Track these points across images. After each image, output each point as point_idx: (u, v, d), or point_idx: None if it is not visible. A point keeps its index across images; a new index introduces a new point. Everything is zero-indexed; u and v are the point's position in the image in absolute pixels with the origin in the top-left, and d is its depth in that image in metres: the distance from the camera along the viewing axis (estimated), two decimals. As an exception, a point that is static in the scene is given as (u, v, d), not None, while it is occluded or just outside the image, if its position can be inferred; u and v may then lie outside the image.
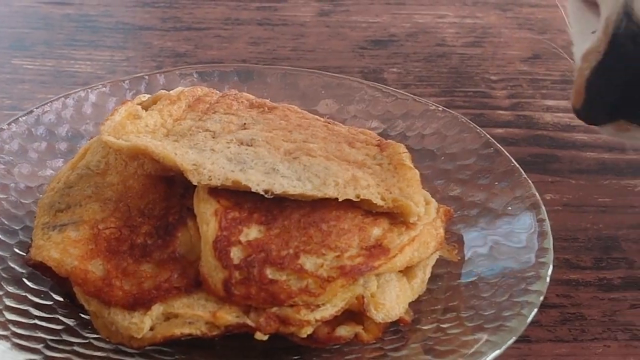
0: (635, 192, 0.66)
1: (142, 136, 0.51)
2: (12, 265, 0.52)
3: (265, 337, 0.46)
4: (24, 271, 0.52)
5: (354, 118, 0.66)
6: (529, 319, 0.47)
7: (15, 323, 0.48)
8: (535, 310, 0.48)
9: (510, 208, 0.56)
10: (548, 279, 0.50)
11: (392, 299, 0.49)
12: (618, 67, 0.54)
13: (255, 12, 0.91)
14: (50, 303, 0.51)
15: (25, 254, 0.52)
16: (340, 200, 0.49)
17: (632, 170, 0.66)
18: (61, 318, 0.50)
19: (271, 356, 0.49)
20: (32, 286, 0.51)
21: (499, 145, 0.60)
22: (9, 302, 0.50)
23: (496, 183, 0.58)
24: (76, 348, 0.47)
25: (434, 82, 0.80)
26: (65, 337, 0.48)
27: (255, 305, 0.46)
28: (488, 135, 0.61)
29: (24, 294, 0.51)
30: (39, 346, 0.47)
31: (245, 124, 0.55)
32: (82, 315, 0.50)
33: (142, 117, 0.53)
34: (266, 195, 0.48)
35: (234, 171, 0.49)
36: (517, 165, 0.58)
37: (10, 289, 0.51)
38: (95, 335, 0.48)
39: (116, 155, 0.54)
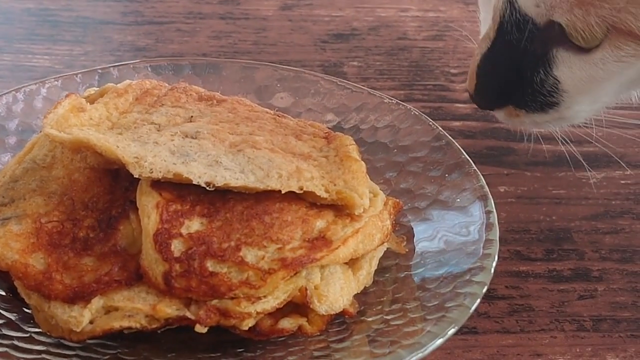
0: (589, 184, 0.67)
1: (86, 129, 0.51)
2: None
3: (205, 330, 0.46)
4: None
5: (308, 111, 0.65)
6: (472, 310, 0.47)
7: (-44, 318, 0.48)
8: (478, 301, 0.48)
9: (459, 200, 0.56)
10: (492, 270, 0.50)
11: (335, 291, 0.49)
12: (505, 54, 0.55)
13: (217, 6, 0.90)
14: (-8, 297, 0.51)
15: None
16: (283, 192, 0.49)
17: (587, 162, 0.66)
18: (3, 312, 0.49)
19: (217, 349, 0.49)
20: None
21: (450, 137, 0.60)
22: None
23: (447, 175, 0.58)
24: (16, 342, 0.47)
25: (394, 75, 0.80)
26: (5, 332, 0.48)
27: (196, 298, 0.46)
28: (440, 128, 0.61)
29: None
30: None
31: (192, 116, 0.54)
32: (25, 310, 0.50)
33: (86, 110, 0.53)
34: (208, 188, 0.48)
35: (176, 164, 0.48)
36: (468, 157, 0.58)
37: (-48, 283, 0.50)
38: (36, 330, 0.48)
39: (62, 149, 0.53)
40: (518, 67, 0.55)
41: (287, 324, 0.48)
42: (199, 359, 0.48)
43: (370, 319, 0.50)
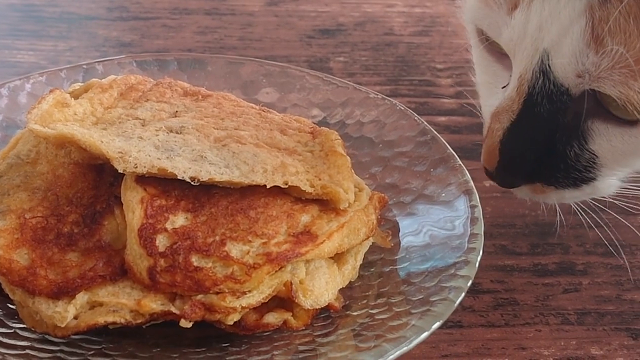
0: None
1: (70, 124, 0.51)
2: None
3: (190, 325, 0.46)
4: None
5: (294, 106, 0.65)
6: (456, 304, 0.47)
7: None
8: (463, 294, 0.48)
9: (444, 195, 0.56)
10: (477, 265, 0.50)
11: (321, 286, 0.49)
12: (533, 128, 0.50)
13: (203, 1, 0.90)
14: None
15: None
16: (268, 187, 0.49)
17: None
18: (-13, 308, 0.49)
19: (202, 344, 0.49)
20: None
21: (435, 132, 0.60)
22: None
23: (432, 170, 0.58)
24: (0, 338, 0.47)
25: (379, 70, 0.80)
26: (-11, 327, 0.48)
27: (181, 292, 0.46)
28: (425, 123, 0.61)
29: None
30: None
31: (177, 111, 0.54)
32: (9, 306, 0.49)
33: (70, 105, 0.52)
34: (193, 183, 0.48)
35: (161, 159, 0.48)
36: (453, 152, 0.58)
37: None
38: (20, 325, 0.48)
39: (47, 145, 0.53)
40: (548, 142, 0.50)
41: (272, 318, 0.48)
42: (184, 354, 0.48)
43: (355, 313, 0.50)
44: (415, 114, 0.62)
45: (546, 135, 0.50)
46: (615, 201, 0.55)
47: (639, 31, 0.46)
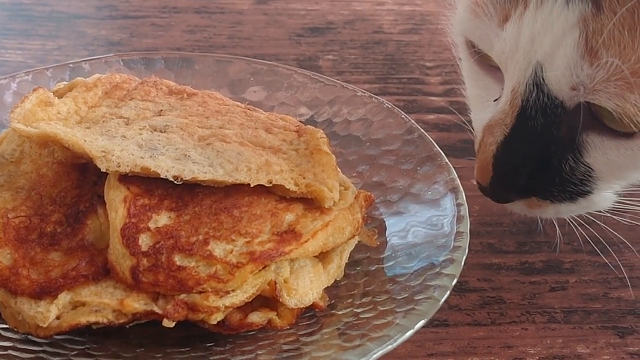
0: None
1: (53, 123, 0.51)
2: None
3: (172, 324, 0.45)
4: None
5: (281, 105, 0.65)
6: (441, 302, 0.47)
7: None
8: (448, 293, 0.48)
9: (430, 193, 0.56)
10: (463, 263, 0.50)
11: (305, 285, 0.48)
12: (527, 142, 0.49)
13: (192, 0, 0.90)
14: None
15: None
16: (252, 185, 0.48)
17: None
18: (-31, 309, 0.49)
19: (186, 344, 0.49)
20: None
21: (422, 130, 0.60)
22: None
23: (418, 168, 0.58)
24: (-19, 339, 0.47)
25: (369, 69, 0.80)
26: (-28, 328, 0.48)
27: (164, 292, 0.46)
28: (412, 121, 0.61)
29: None
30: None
31: (161, 110, 0.54)
32: (-8, 306, 0.49)
33: (54, 104, 0.52)
34: (176, 182, 0.48)
35: (144, 158, 0.48)
36: (439, 150, 0.58)
37: None
38: (3, 325, 0.48)
39: (31, 144, 0.53)
40: (543, 155, 0.50)
41: (257, 318, 0.48)
42: (168, 354, 0.48)
43: (340, 312, 0.50)
44: (403, 112, 0.62)
45: (541, 149, 0.50)
46: (614, 217, 0.54)
47: (634, 43, 0.45)
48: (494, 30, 0.50)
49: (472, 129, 0.56)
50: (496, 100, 0.53)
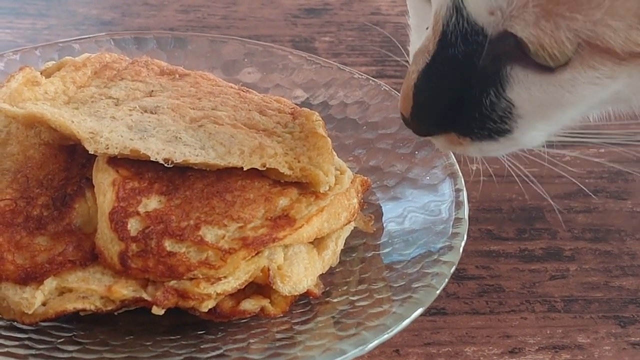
0: (563, 161, 0.65)
1: (40, 103, 0.49)
2: None
3: (162, 312, 0.44)
4: None
5: (276, 87, 0.64)
6: (439, 291, 0.46)
7: None
8: (446, 281, 0.47)
9: (428, 178, 0.55)
10: (461, 250, 0.49)
11: (299, 272, 0.47)
12: (447, 71, 0.46)
13: (186, -21, 0.88)
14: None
15: None
16: (245, 169, 0.47)
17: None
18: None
19: (177, 331, 0.47)
20: None
21: (420, 113, 0.58)
22: None
23: (416, 152, 0.57)
24: (-35, 325, 0.45)
25: (365, 51, 0.78)
26: (-46, 315, 0.46)
27: (153, 278, 0.44)
28: (410, 104, 0.59)
29: None
30: None
31: (152, 91, 0.52)
32: (-23, 292, 0.48)
33: (41, 83, 0.51)
34: (166, 165, 0.46)
35: (133, 139, 0.47)
36: (438, 134, 0.57)
37: None
38: (-12, 312, 0.46)
39: (18, 125, 0.51)
40: (463, 87, 0.46)
41: (249, 305, 0.46)
42: (158, 342, 0.46)
43: (335, 300, 0.49)
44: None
45: (461, 80, 0.46)
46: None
47: None
48: None
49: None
50: (428, 28, 0.49)
